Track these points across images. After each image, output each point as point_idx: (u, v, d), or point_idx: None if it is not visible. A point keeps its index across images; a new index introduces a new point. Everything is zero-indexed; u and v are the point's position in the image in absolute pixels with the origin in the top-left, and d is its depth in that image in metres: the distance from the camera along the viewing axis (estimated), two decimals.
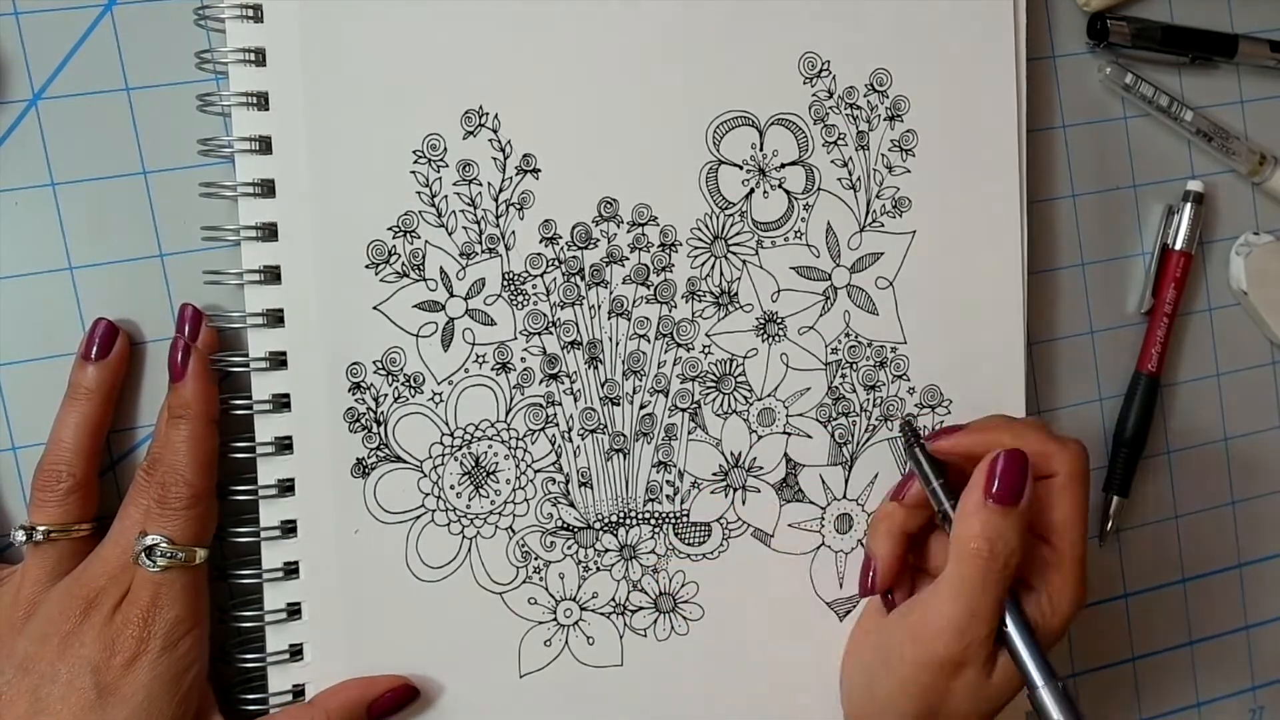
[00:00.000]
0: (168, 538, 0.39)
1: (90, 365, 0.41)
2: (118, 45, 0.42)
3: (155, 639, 0.38)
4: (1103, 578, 0.53)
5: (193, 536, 0.39)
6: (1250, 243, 0.54)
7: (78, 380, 0.41)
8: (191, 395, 0.40)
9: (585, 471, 0.45)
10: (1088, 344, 0.53)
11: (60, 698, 0.37)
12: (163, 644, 0.38)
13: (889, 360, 0.47)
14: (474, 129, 0.43)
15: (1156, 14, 0.53)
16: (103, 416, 0.41)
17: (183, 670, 0.39)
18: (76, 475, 0.40)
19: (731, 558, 0.46)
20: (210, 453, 0.40)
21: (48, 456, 0.40)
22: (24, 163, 0.42)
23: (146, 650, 0.38)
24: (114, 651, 0.38)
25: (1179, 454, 0.55)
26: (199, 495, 0.39)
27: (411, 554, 0.43)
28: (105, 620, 0.38)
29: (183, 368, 0.40)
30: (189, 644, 0.39)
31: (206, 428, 0.40)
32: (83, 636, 0.38)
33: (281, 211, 0.41)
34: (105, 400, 0.41)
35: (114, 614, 0.39)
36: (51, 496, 0.40)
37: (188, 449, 0.40)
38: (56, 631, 0.38)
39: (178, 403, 0.40)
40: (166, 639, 0.39)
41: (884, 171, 0.47)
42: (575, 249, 0.44)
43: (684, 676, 0.46)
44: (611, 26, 0.44)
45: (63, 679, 0.38)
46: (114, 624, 0.38)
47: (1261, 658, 0.56)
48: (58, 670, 0.38)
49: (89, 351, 0.41)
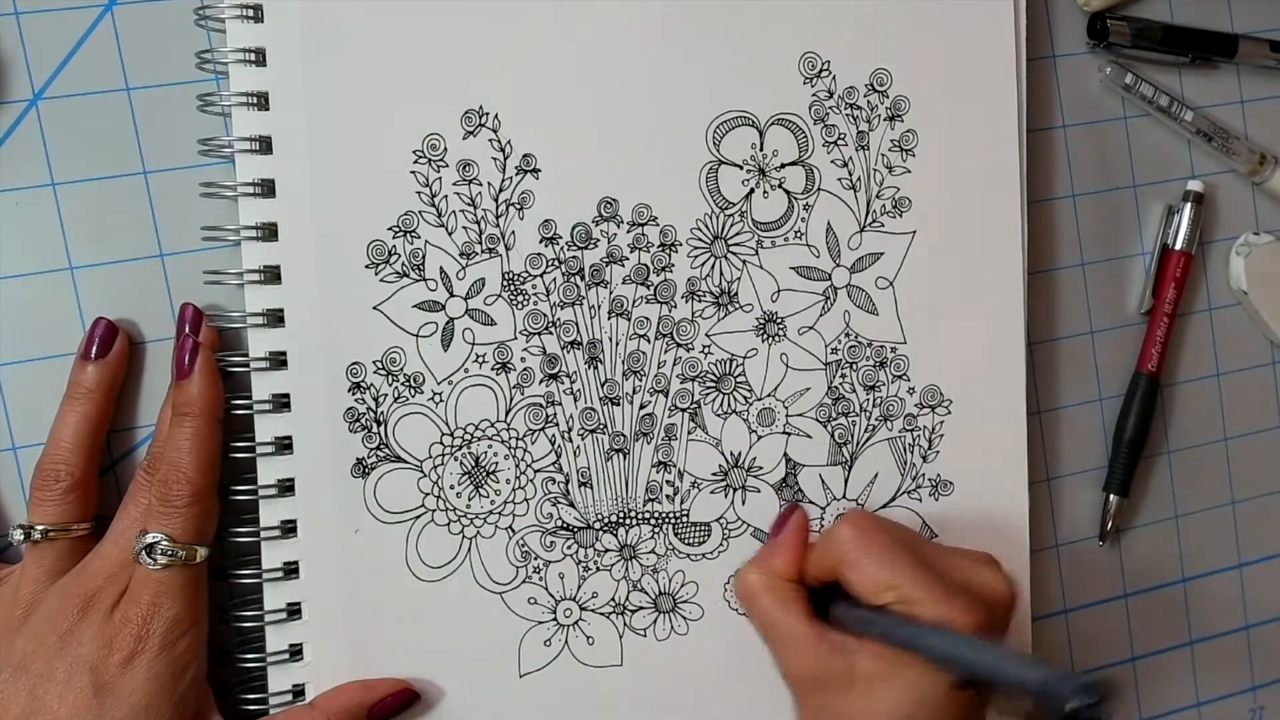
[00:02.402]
0: (168, 536, 0.39)
1: (90, 365, 0.41)
2: (118, 45, 0.42)
3: (154, 638, 0.38)
4: (1103, 578, 0.53)
5: (194, 535, 0.39)
6: (1250, 243, 0.54)
7: (78, 380, 0.41)
8: (197, 393, 0.40)
9: (585, 471, 0.45)
10: (1088, 344, 0.53)
11: (58, 696, 0.37)
12: (161, 643, 0.38)
13: (889, 360, 0.47)
14: (474, 129, 0.43)
15: (1156, 14, 0.53)
16: (102, 416, 0.41)
17: (181, 669, 0.39)
18: (75, 475, 0.40)
19: (731, 558, 0.46)
20: (214, 451, 0.40)
21: (47, 456, 0.40)
22: (24, 163, 0.42)
23: (145, 649, 0.38)
24: (112, 650, 0.38)
25: (1179, 454, 0.55)
26: (201, 493, 0.39)
27: (411, 554, 0.43)
28: (104, 618, 0.38)
29: (190, 366, 0.40)
30: (187, 643, 0.39)
31: (211, 425, 0.40)
32: (80, 635, 0.38)
33: (281, 211, 0.41)
34: (105, 399, 0.41)
35: (112, 612, 0.38)
36: (50, 496, 0.40)
37: (191, 446, 0.40)
38: (54, 630, 0.38)
39: (183, 400, 0.40)
40: (165, 638, 0.38)
41: (884, 171, 0.47)
42: (575, 249, 0.44)
43: (684, 676, 0.46)
44: (612, 26, 0.44)
45: (60, 678, 0.38)
46: (112, 622, 0.38)
47: (1261, 658, 0.56)
48: (55, 669, 0.38)
49: (89, 351, 0.41)
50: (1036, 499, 0.51)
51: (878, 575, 0.40)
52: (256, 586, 0.42)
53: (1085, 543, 0.53)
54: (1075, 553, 0.53)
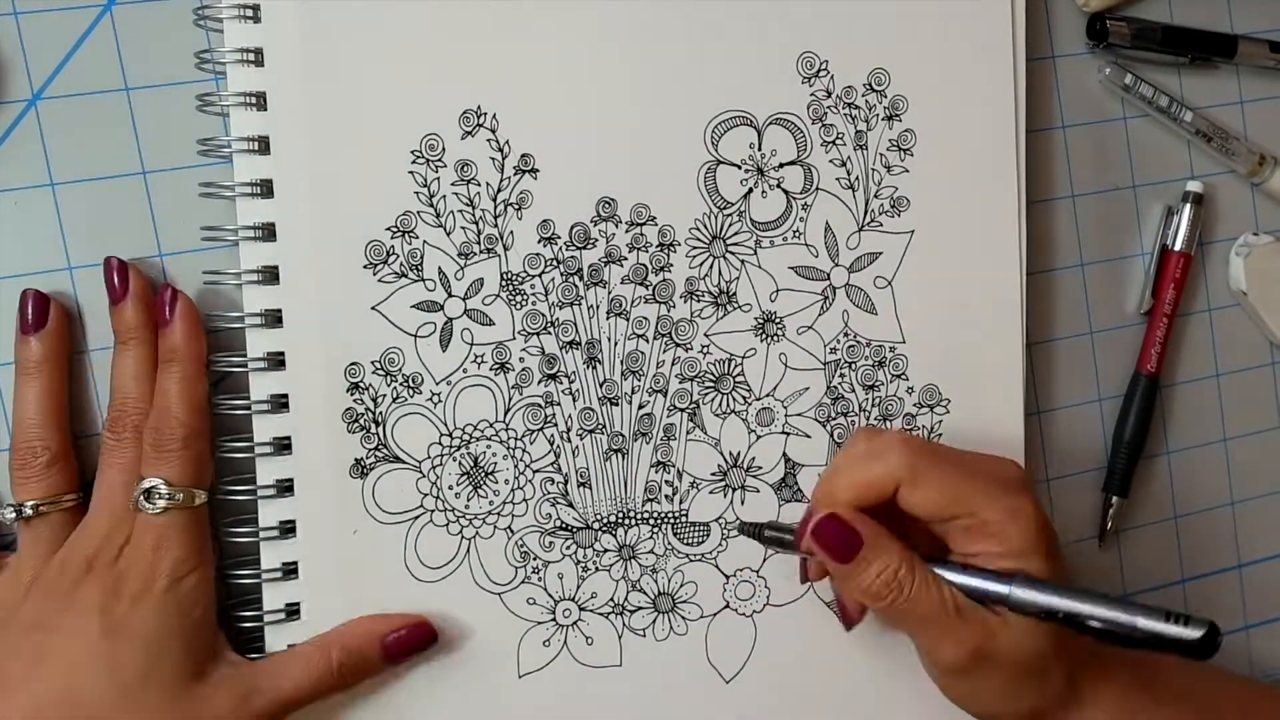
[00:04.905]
0: (165, 480, 0.39)
1: (32, 338, 0.40)
2: (117, 45, 0.42)
3: (160, 578, 0.38)
4: (1103, 578, 0.53)
5: (191, 478, 0.39)
6: (1250, 243, 0.54)
7: (25, 356, 0.41)
8: (181, 339, 0.40)
9: (584, 471, 0.45)
10: (1087, 344, 0.53)
11: (65, 643, 0.38)
12: (168, 582, 0.39)
13: (888, 360, 0.47)
14: (472, 129, 0.43)
15: (1156, 14, 0.53)
16: (60, 386, 0.41)
17: (189, 607, 0.39)
18: (52, 448, 0.40)
19: (730, 557, 0.46)
20: (201, 395, 0.40)
21: (17, 436, 0.40)
22: (24, 163, 0.42)
23: (152, 588, 0.38)
24: (119, 593, 0.38)
25: (1179, 454, 0.55)
26: (193, 435, 0.40)
27: (410, 554, 0.43)
28: (108, 567, 0.38)
29: (171, 314, 0.40)
30: (194, 581, 0.39)
31: (197, 369, 0.40)
32: (87, 588, 0.38)
33: (280, 212, 0.41)
34: (57, 370, 0.41)
35: (117, 560, 0.39)
36: (32, 473, 0.40)
37: (179, 391, 0.40)
38: (60, 590, 0.38)
39: (166, 348, 0.40)
40: (171, 576, 0.39)
41: (882, 171, 0.47)
42: (574, 249, 0.44)
43: (684, 676, 0.46)
44: (610, 26, 0.44)
45: (68, 626, 0.38)
46: (117, 568, 0.38)
47: (1261, 658, 0.56)
48: (63, 621, 0.38)
49: (26, 325, 0.41)
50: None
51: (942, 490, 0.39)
52: (256, 586, 0.42)
53: (1085, 543, 0.53)
54: (1075, 553, 0.53)
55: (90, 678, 0.37)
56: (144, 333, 0.41)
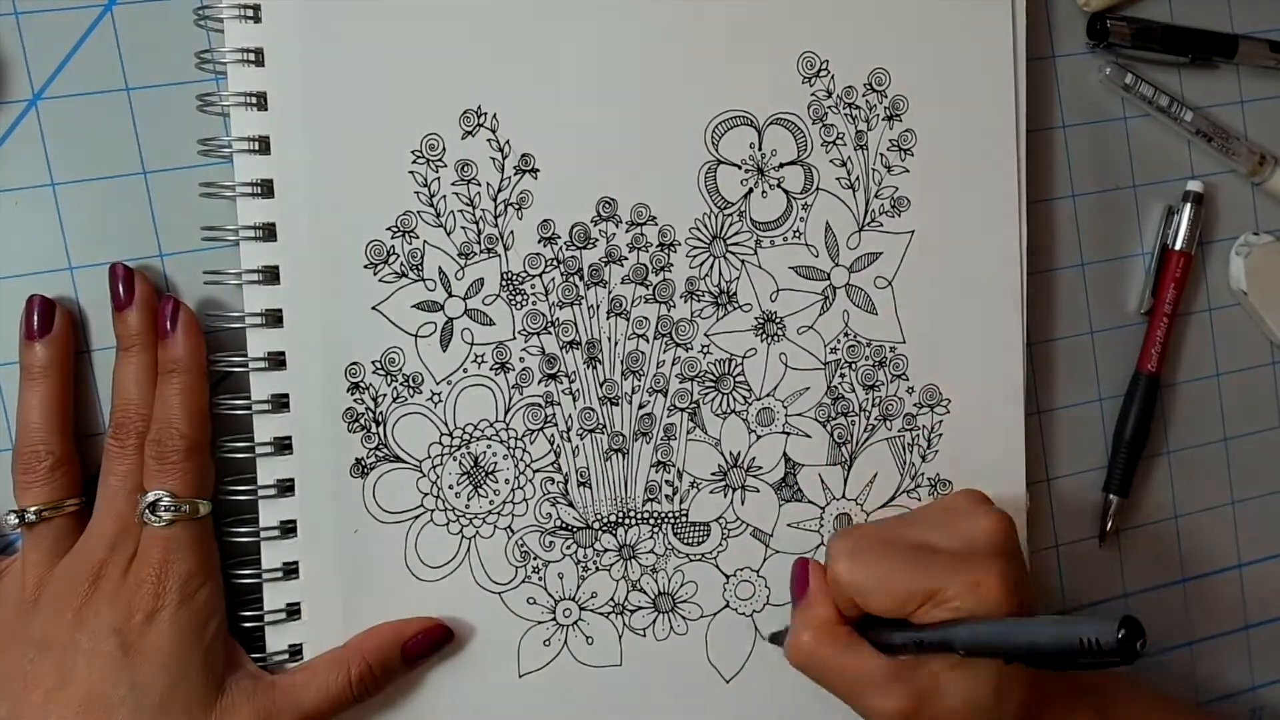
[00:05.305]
0: (170, 492, 0.39)
1: (37, 343, 0.40)
2: (118, 45, 0.42)
3: (171, 592, 0.38)
4: (1103, 578, 0.53)
5: (194, 489, 0.39)
6: (1250, 243, 0.54)
7: (29, 361, 0.40)
8: (183, 350, 0.40)
9: (584, 471, 0.45)
10: (1087, 344, 0.53)
11: (85, 665, 0.37)
12: (180, 596, 0.39)
13: (888, 360, 0.47)
14: (472, 129, 0.43)
15: (1156, 14, 0.53)
16: (64, 392, 0.41)
17: (204, 621, 0.39)
18: (56, 452, 0.40)
19: (731, 557, 0.46)
20: (203, 405, 0.40)
21: (21, 440, 0.40)
22: (24, 163, 0.42)
23: (164, 604, 0.38)
24: (132, 611, 0.38)
25: (1179, 454, 0.55)
26: (195, 446, 0.40)
27: (411, 554, 0.43)
28: (118, 583, 0.38)
29: (172, 324, 0.40)
30: (205, 594, 0.39)
31: (198, 380, 0.40)
32: (97, 604, 0.38)
33: (280, 212, 0.41)
34: (62, 375, 0.41)
35: (125, 576, 0.39)
36: (36, 477, 0.40)
37: (181, 402, 0.40)
38: (69, 606, 0.38)
39: (168, 359, 0.40)
40: (183, 591, 0.39)
41: (883, 171, 0.47)
42: (574, 249, 0.44)
43: (684, 676, 0.46)
44: (610, 26, 0.44)
45: (85, 646, 0.38)
46: (128, 585, 0.38)
47: (1261, 658, 0.56)
48: (78, 640, 0.38)
49: (31, 331, 0.41)
50: (1036, 499, 0.51)
51: (892, 595, 0.40)
52: (257, 586, 0.42)
53: (1085, 543, 0.53)
54: (1075, 553, 0.53)
55: (115, 701, 0.37)
56: (147, 338, 0.41)
